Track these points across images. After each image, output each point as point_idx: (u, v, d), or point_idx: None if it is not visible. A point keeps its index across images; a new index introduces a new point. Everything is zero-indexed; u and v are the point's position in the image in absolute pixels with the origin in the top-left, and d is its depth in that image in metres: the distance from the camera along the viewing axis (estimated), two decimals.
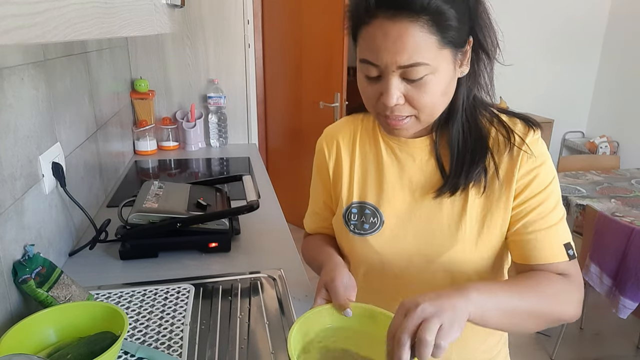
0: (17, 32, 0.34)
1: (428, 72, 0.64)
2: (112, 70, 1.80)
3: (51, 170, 1.08)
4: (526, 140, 0.73)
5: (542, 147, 0.74)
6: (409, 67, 0.63)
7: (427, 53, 0.62)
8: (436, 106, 0.69)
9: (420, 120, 0.70)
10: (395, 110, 0.68)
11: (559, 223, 0.73)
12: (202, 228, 1.19)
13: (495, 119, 0.76)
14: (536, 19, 3.73)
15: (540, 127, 0.75)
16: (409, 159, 0.79)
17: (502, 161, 0.74)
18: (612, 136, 3.83)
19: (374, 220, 0.80)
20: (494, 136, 0.75)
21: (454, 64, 0.67)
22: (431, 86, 0.65)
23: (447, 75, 0.66)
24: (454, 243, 0.75)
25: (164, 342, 0.85)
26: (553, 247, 0.72)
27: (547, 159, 0.74)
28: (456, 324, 0.56)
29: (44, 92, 1.08)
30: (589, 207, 2.00)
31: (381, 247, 0.80)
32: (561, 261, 0.72)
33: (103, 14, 0.55)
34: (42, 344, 0.78)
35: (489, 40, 0.70)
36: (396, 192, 0.79)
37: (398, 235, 0.79)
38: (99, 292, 1.01)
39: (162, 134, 2.24)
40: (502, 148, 0.74)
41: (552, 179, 0.73)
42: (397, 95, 0.66)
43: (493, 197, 0.74)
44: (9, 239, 0.86)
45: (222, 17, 2.21)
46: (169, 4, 1.00)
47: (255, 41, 2.71)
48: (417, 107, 0.67)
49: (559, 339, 2.24)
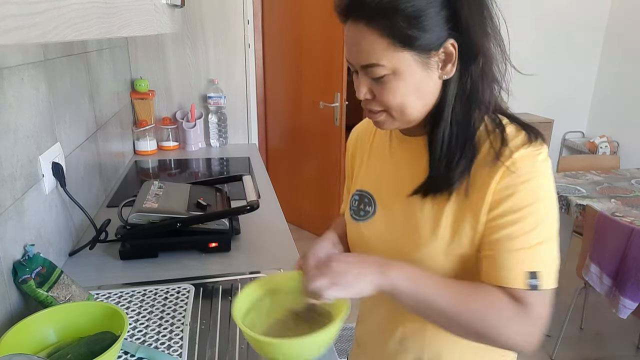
0: (17, 32, 0.34)
1: (386, 72, 0.67)
2: (112, 70, 1.80)
3: (51, 170, 1.08)
4: (515, 154, 0.68)
5: (534, 165, 0.68)
6: (367, 67, 0.68)
7: (381, 55, 0.66)
8: (404, 105, 0.70)
9: (394, 117, 0.72)
10: (367, 104, 0.73)
11: (532, 248, 0.67)
12: (202, 228, 1.19)
13: (498, 128, 0.72)
14: (536, 19, 3.73)
15: (543, 143, 0.70)
16: (406, 155, 0.81)
17: (483, 172, 0.70)
18: (612, 136, 3.83)
19: (369, 208, 0.84)
20: (486, 145, 0.71)
21: (425, 66, 0.67)
22: (393, 86, 0.68)
23: (414, 78, 0.67)
24: (426, 244, 0.74)
25: (164, 342, 0.85)
26: (510, 271, 0.67)
27: (536, 177, 0.67)
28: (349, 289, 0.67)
29: (44, 92, 1.08)
30: (589, 207, 2.00)
31: (368, 234, 0.83)
32: (515, 287, 0.66)
33: (103, 14, 0.55)
34: (42, 344, 0.78)
35: (482, 41, 0.68)
36: (390, 185, 0.82)
37: (383, 226, 0.82)
38: (99, 292, 1.01)
39: (162, 134, 2.24)
40: (489, 158, 0.69)
41: (535, 199, 0.67)
42: (364, 90, 0.71)
43: (468, 207, 0.71)
44: (9, 239, 0.86)
45: (222, 17, 2.21)
46: (169, 4, 0.99)
47: (255, 41, 2.71)
48: (384, 105, 0.71)
49: (559, 339, 2.24)
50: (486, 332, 0.66)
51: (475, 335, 0.68)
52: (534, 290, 0.66)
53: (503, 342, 0.67)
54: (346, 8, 0.67)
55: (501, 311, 0.66)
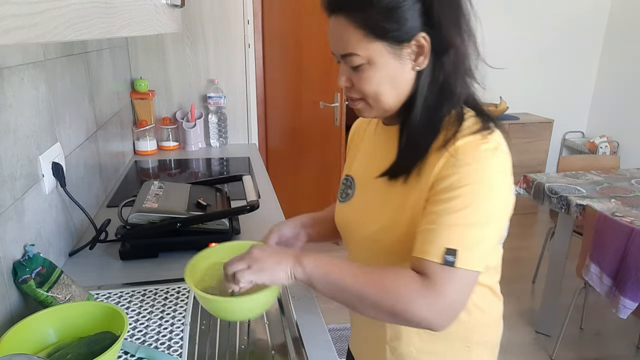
0: (17, 32, 0.34)
1: (362, 62, 0.72)
2: (112, 70, 1.80)
3: (51, 170, 1.08)
4: (458, 142, 0.70)
5: (475, 153, 0.69)
6: (345, 57, 0.73)
7: (356, 45, 0.71)
8: (379, 94, 0.74)
9: (371, 105, 0.77)
10: (347, 92, 0.79)
11: (456, 227, 0.68)
12: (202, 228, 1.19)
13: (459, 119, 0.74)
14: (536, 19, 3.74)
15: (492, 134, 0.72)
16: (383, 143, 0.85)
17: (433, 158, 0.73)
18: (612, 136, 3.83)
19: (350, 191, 0.90)
20: (442, 134, 0.74)
21: (398, 57, 0.71)
22: (368, 75, 0.73)
23: (388, 68, 0.72)
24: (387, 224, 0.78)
25: (164, 342, 0.85)
26: (431, 245, 0.69)
27: (475, 164, 0.69)
28: (263, 273, 0.73)
29: (44, 92, 1.08)
30: (589, 207, 2.00)
31: (347, 214, 0.89)
32: (430, 260, 0.68)
33: (103, 14, 0.55)
34: (42, 344, 0.78)
35: (454, 35, 0.71)
36: (367, 169, 0.87)
37: (358, 207, 0.87)
38: (99, 292, 1.01)
39: (162, 134, 2.24)
40: (439, 146, 0.72)
41: (470, 183, 0.68)
42: (343, 78, 0.76)
43: (417, 190, 0.75)
44: (9, 239, 0.86)
45: (222, 17, 2.21)
46: (169, 4, 1.00)
47: (255, 41, 2.70)
48: (361, 92, 0.75)
49: (559, 339, 2.24)
50: (394, 307, 0.68)
51: (386, 313, 0.69)
52: (447, 267, 0.67)
53: (410, 316, 0.68)
54: (331, 2, 0.73)
55: (406, 285, 0.68)
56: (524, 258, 3.16)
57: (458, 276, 0.68)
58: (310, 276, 0.72)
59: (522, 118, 3.72)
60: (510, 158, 0.73)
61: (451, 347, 0.85)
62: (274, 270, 0.73)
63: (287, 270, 0.73)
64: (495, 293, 0.88)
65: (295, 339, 0.89)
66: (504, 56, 3.76)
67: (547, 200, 2.28)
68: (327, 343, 0.88)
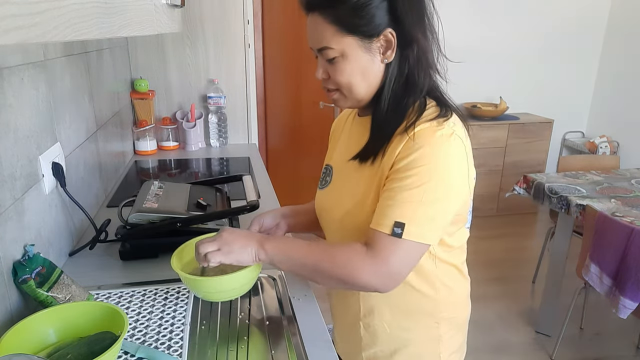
0: (17, 32, 0.34)
1: (336, 54, 0.79)
2: (112, 70, 1.80)
3: (51, 170, 1.08)
4: (417, 128, 0.78)
5: (431, 138, 0.77)
6: (321, 50, 0.81)
7: (330, 39, 0.78)
8: (352, 85, 0.82)
9: (345, 96, 0.84)
10: (324, 83, 0.86)
11: (407, 203, 0.75)
12: (202, 228, 1.18)
13: (420, 107, 0.81)
14: (536, 19, 3.74)
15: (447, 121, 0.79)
16: (357, 132, 0.92)
17: (394, 142, 0.80)
18: (612, 136, 3.83)
19: (328, 178, 0.98)
20: (405, 121, 0.81)
21: (367, 50, 0.79)
22: (341, 67, 0.80)
23: (360, 61, 0.79)
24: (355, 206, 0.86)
25: (164, 342, 0.85)
26: (382, 217, 0.77)
27: (429, 147, 0.76)
28: (231, 255, 0.82)
29: (44, 92, 1.08)
30: (589, 207, 2.00)
31: (324, 199, 0.97)
32: (380, 231, 0.76)
33: (103, 14, 0.55)
34: (42, 344, 0.78)
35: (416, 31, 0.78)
36: (342, 157, 0.94)
37: (333, 192, 0.94)
38: (99, 292, 1.01)
39: (162, 134, 2.24)
40: (402, 131, 0.80)
41: (424, 164, 0.76)
42: (320, 71, 0.84)
43: (379, 172, 0.82)
44: (9, 239, 0.86)
45: (222, 17, 2.21)
46: (169, 4, 0.99)
47: (255, 41, 2.71)
48: (336, 83, 0.83)
49: (559, 339, 2.24)
50: (343, 273, 0.78)
51: (338, 280, 0.80)
52: (394, 237, 0.75)
53: (357, 280, 0.77)
54: (307, 1, 0.80)
55: (353, 255, 0.78)
56: (524, 258, 3.16)
57: (403, 247, 0.76)
58: (272, 257, 0.83)
59: (522, 118, 3.72)
60: (468, 143, 0.81)
61: (421, 323, 0.92)
62: (241, 252, 0.82)
63: (252, 253, 0.83)
64: (461, 272, 0.95)
65: (295, 339, 0.89)
66: (504, 56, 3.77)
67: (547, 200, 2.28)
68: (327, 343, 0.88)
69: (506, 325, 2.47)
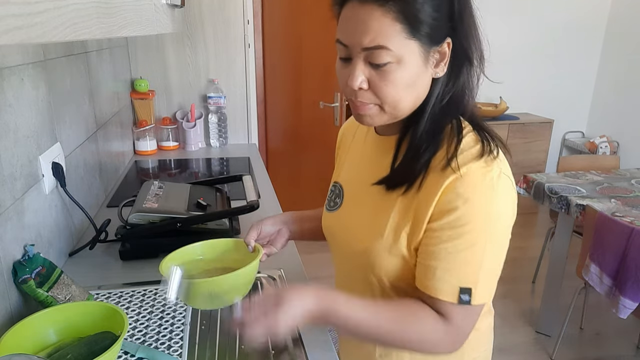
0: (17, 32, 0.34)
1: (391, 59, 0.64)
2: (112, 70, 1.80)
3: (51, 170, 1.08)
4: (463, 168, 0.66)
5: (482, 186, 0.66)
6: (372, 50, 0.64)
7: (391, 39, 0.63)
8: (400, 99, 0.68)
9: (385, 111, 0.70)
10: (359, 95, 0.69)
11: (468, 265, 0.68)
12: (202, 228, 1.19)
13: (458, 133, 0.71)
14: (536, 19, 3.73)
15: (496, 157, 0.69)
16: (377, 152, 0.81)
17: (434, 175, 0.69)
18: (612, 136, 3.83)
19: (338, 200, 0.87)
20: (443, 148, 0.70)
21: (425, 61, 0.67)
22: (394, 75, 0.66)
23: (414, 69, 0.66)
24: (374, 239, 0.75)
25: (164, 342, 0.85)
26: (444, 284, 0.68)
27: (481, 195, 0.66)
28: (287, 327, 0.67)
29: (44, 92, 1.08)
30: (589, 207, 2.00)
31: (334, 224, 0.86)
32: (446, 300, 0.68)
33: (103, 14, 0.55)
34: (42, 344, 0.78)
35: (473, 47, 0.69)
36: (357, 179, 0.84)
37: (346, 218, 0.84)
38: (99, 292, 1.01)
39: (162, 134, 2.24)
40: (442, 163, 0.69)
41: (472, 222, 0.66)
42: (361, 78, 0.67)
43: (415, 206, 0.71)
44: (9, 239, 0.86)
45: (222, 17, 2.21)
46: (169, 4, 1.00)
47: (255, 41, 2.71)
48: (380, 96, 0.68)
49: (559, 339, 2.24)
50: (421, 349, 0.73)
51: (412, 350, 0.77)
52: (463, 305, 0.68)
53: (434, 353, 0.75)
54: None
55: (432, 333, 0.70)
56: (524, 258, 3.16)
57: (475, 312, 0.71)
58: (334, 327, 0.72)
59: (522, 118, 3.72)
60: (512, 180, 0.71)
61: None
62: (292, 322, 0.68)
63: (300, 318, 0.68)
64: (489, 308, 0.88)
65: (295, 339, 0.89)
66: (504, 56, 3.77)
67: (547, 200, 2.28)
68: (327, 343, 0.88)
69: (506, 325, 2.47)
